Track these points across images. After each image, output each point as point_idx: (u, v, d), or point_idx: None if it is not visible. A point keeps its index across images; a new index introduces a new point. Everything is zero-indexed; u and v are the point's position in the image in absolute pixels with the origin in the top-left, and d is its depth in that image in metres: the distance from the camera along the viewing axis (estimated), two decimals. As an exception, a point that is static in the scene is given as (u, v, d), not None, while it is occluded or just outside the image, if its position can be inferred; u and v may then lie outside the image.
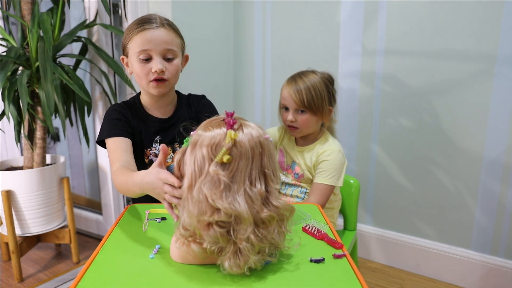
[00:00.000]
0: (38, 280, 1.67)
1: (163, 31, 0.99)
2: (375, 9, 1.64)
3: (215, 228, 0.61)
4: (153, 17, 1.01)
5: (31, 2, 1.61)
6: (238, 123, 0.65)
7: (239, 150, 0.62)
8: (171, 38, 1.00)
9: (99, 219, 2.03)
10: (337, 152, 1.23)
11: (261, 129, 0.68)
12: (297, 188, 1.31)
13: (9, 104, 1.46)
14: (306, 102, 1.21)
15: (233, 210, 0.60)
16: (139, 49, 0.98)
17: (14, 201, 1.61)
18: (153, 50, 0.98)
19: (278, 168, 0.69)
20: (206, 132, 0.64)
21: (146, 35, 0.97)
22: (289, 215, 0.68)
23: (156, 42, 0.98)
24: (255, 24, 1.99)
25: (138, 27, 0.98)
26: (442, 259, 1.64)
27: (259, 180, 0.64)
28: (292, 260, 0.70)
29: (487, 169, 1.50)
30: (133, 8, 1.70)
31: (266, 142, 0.66)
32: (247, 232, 0.61)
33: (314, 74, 1.25)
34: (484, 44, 1.44)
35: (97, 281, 0.65)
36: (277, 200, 0.66)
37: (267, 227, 0.64)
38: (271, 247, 0.66)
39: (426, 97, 1.58)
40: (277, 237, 0.65)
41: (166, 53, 1.00)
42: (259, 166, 0.65)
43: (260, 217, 0.63)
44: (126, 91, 1.81)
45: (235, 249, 0.62)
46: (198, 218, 0.61)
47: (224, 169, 0.62)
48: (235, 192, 0.62)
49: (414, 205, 1.69)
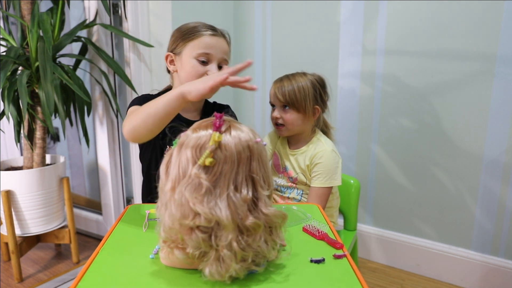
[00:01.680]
0: (38, 280, 1.67)
1: (224, 41, 1.06)
2: (375, 9, 1.64)
3: (197, 232, 0.59)
4: (213, 26, 1.07)
5: (31, 2, 1.60)
6: (227, 125, 0.63)
7: (223, 154, 0.60)
8: (228, 49, 1.08)
9: (99, 219, 2.03)
10: (329, 152, 1.24)
11: (253, 133, 0.64)
12: (293, 190, 1.32)
13: (9, 104, 1.46)
14: (288, 97, 1.22)
15: (214, 216, 0.58)
16: (202, 51, 1.02)
17: (14, 201, 1.61)
18: (214, 56, 1.03)
19: (270, 174, 0.66)
20: (193, 133, 0.62)
21: (212, 40, 1.03)
22: (281, 223, 0.65)
23: (218, 49, 1.04)
24: (255, 24, 1.99)
25: (207, 30, 1.03)
26: (442, 259, 1.64)
27: (246, 186, 0.61)
28: (292, 261, 0.70)
29: (487, 169, 1.50)
30: (133, 8, 1.70)
31: (257, 146, 0.63)
32: (228, 239, 0.59)
33: (303, 75, 1.26)
34: (484, 44, 1.44)
35: (97, 281, 0.65)
36: (267, 207, 0.63)
37: (252, 235, 0.61)
38: (258, 256, 0.63)
39: (426, 97, 1.58)
40: (264, 245, 0.62)
41: (222, 61, 1.06)
42: (247, 170, 0.62)
43: (244, 224, 0.60)
44: (126, 91, 1.81)
45: (217, 256, 0.60)
46: (180, 222, 0.59)
47: (206, 173, 0.59)
48: (218, 196, 0.59)
49: (414, 205, 1.69)
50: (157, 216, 0.64)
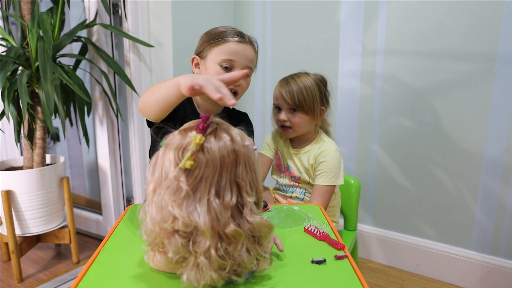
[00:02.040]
0: (38, 280, 1.66)
1: (250, 48, 1.04)
2: (375, 9, 1.64)
3: (177, 237, 0.57)
4: (241, 32, 1.05)
5: (31, 2, 1.60)
6: (213, 127, 0.60)
7: (205, 157, 0.58)
8: (253, 57, 1.05)
9: (99, 219, 2.03)
10: (333, 152, 1.24)
11: (242, 137, 0.62)
12: (296, 188, 1.32)
13: (9, 104, 1.46)
14: (297, 101, 1.21)
15: (191, 221, 0.56)
16: (226, 57, 1.01)
17: (14, 201, 1.61)
18: (237, 63, 1.02)
19: (259, 180, 0.64)
20: (179, 134, 0.61)
21: (238, 46, 1.01)
22: (267, 233, 0.62)
23: (243, 56, 1.02)
24: (255, 24, 1.99)
25: (234, 37, 1.02)
26: (442, 259, 1.64)
27: (229, 191, 0.59)
28: (293, 261, 0.70)
29: (487, 169, 1.50)
30: (133, 8, 1.69)
31: (244, 151, 0.60)
32: (205, 246, 0.56)
33: (306, 75, 1.25)
34: (484, 44, 1.44)
35: (97, 281, 0.65)
36: (253, 215, 0.60)
37: (232, 243, 0.58)
38: (240, 266, 0.60)
39: (426, 97, 1.58)
40: (245, 255, 0.59)
41: (246, 69, 1.03)
42: (232, 175, 0.59)
43: (224, 231, 0.57)
44: (126, 91, 1.81)
45: (196, 262, 0.58)
46: (160, 225, 0.57)
47: (187, 176, 0.57)
48: (197, 201, 0.57)
49: (414, 205, 1.69)
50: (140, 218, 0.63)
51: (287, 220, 0.90)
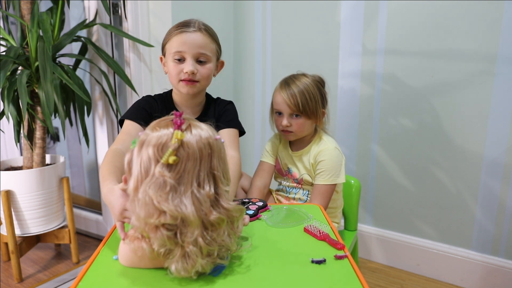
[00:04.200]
0: (37, 280, 1.66)
1: (199, 35, 1.05)
2: (375, 9, 1.64)
3: (162, 230, 0.60)
4: (192, 21, 1.07)
5: (31, 2, 1.60)
6: (187, 123, 0.64)
7: (186, 151, 0.61)
8: (206, 43, 1.06)
9: (98, 219, 2.03)
10: (333, 150, 1.23)
11: (212, 131, 0.66)
12: (299, 190, 1.31)
13: (9, 104, 1.46)
14: (301, 107, 1.19)
15: (179, 213, 0.59)
16: (175, 50, 1.04)
17: (13, 201, 1.60)
18: (187, 52, 1.04)
19: (229, 170, 0.69)
20: (154, 132, 0.63)
21: (182, 37, 1.04)
22: (239, 216, 0.67)
23: (191, 44, 1.04)
24: (255, 24, 1.99)
25: (177, 29, 1.05)
26: (443, 259, 1.64)
27: (208, 182, 0.63)
28: (293, 261, 0.70)
29: (488, 169, 1.50)
30: (133, 8, 1.69)
31: (216, 143, 0.65)
32: (194, 235, 0.60)
33: (305, 77, 1.23)
34: (484, 44, 1.44)
35: (97, 281, 0.64)
36: (227, 202, 0.65)
37: (216, 230, 0.63)
38: (221, 250, 0.65)
39: (426, 97, 1.58)
40: (228, 239, 0.65)
41: (199, 56, 1.05)
42: (208, 167, 0.63)
43: (208, 219, 0.62)
44: (126, 91, 1.81)
45: (183, 253, 0.61)
46: (145, 220, 0.60)
47: (170, 171, 0.60)
48: (182, 194, 0.60)
49: (414, 205, 1.69)
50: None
51: (287, 220, 0.90)
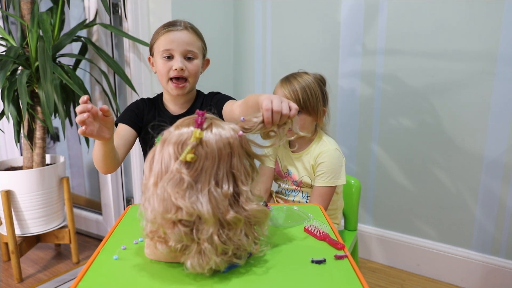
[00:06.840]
0: (37, 280, 1.66)
1: (186, 33, 1.09)
2: (375, 9, 1.64)
3: (180, 226, 0.61)
4: (178, 21, 1.12)
5: (31, 2, 1.60)
6: (208, 122, 0.64)
7: (205, 150, 0.62)
8: (193, 40, 1.10)
9: (98, 219, 2.03)
10: (333, 151, 1.22)
11: (234, 130, 0.66)
12: (299, 193, 1.30)
13: (9, 104, 1.46)
14: (302, 102, 1.19)
15: (195, 210, 0.60)
16: (163, 48, 1.08)
17: (13, 201, 1.60)
18: (175, 50, 1.08)
19: (250, 171, 0.68)
20: (176, 130, 0.64)
21: (170, 36, 1.07)
22: (263, 219, 0.67)
23: (178, 42, 1.07)
24: (255, 24, 1.99)
25: (164, 29, 1.09)
26: (443, 259, 1.64)
27: (226, 181, 0.63)
28: (293, 261, 0.70)
29: (488, 169, 1.50)
30: (133, 8, 1.69)
31: (237, 143, 0.65)
32: (208, 233, 0.60)
33: (307, 75, 1.23)
34: (485, 44, 1.44)
35: (97, 281, 0.64)
36: (248, 202, 0.64)
37: (233, 229, 0.63)
38: (239, 249, 0.64)
39: (426, 97, 1.58)
40: (245, 239, 0.64)
41: (187, 53, 1.09)
42: (228, 167, 0.63)
43: (225, 218, 0.62)
44: (126, 91, 1.81)
45: (199, 249, 0.62)
46: (162, 216, 0.61)
47: (188, 168, 0.61)
48: (199, 191, 0.61)
49: (414, 205, 1.69)
50: (140, 211, 0.66)
51: (287, 220, 0.90)
